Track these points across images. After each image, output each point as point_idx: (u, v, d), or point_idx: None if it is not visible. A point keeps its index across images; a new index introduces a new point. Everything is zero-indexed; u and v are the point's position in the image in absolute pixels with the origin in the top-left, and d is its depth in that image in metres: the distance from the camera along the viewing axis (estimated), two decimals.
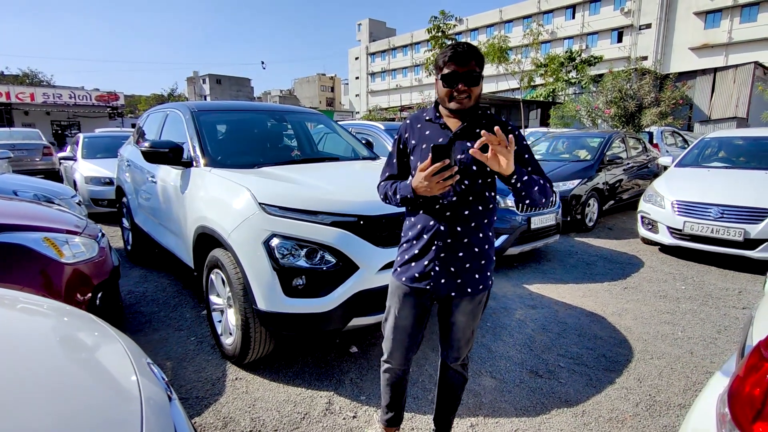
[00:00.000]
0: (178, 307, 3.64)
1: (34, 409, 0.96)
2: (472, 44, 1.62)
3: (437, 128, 1.65)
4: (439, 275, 1.63)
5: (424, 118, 1.70)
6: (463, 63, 1.53)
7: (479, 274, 1.66)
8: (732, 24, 34.66)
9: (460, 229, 1.61)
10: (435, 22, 17.78)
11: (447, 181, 1.46)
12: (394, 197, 1.69)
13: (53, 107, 25.00)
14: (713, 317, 3.55)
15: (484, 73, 1.66)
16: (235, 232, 2.45)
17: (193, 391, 2.45)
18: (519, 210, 4.58)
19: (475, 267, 1.65)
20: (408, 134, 1.71)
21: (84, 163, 7.65)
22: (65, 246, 2.61)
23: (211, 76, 70.77)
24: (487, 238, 1.68)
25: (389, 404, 1.93)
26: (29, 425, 0.90)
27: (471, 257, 1.64)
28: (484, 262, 1.67)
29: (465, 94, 1.55)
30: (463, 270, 1.64)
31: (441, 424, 1.96)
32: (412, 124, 1.72)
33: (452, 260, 1.63)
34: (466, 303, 1.69)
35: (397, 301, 1.73)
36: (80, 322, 1.48)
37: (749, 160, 5.75)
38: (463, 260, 1.63)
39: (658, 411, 2.34)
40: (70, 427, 0.94)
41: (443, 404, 1.92)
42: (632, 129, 13.69)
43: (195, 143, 3.25)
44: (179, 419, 1.17)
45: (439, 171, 1.44)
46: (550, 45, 41.86)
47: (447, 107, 1.62)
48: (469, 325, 1.74)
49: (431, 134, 1.65)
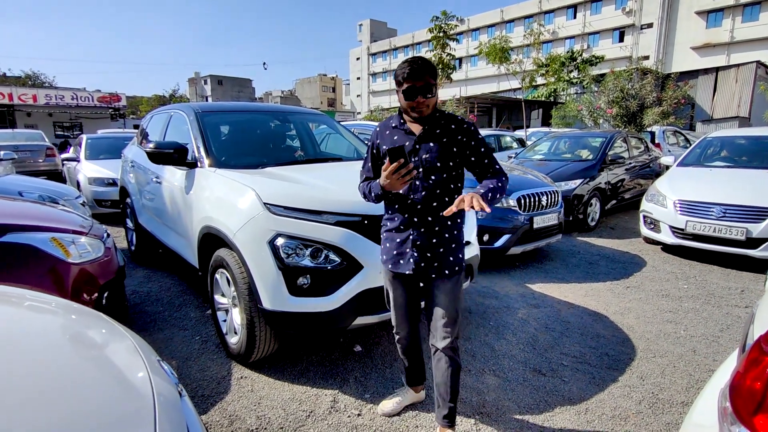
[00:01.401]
0: (182, 306, 3.66)
1: (48, 405, 0.97)
2: (425, 58, 1.85)
3: (403, 133, 1.90)
4: (418, 261, 1.88)
5: (391, 125, 1.95)
6: (418, 78, 1.76)
7: (452, 256, 1.90)
8: (734, 23, 34.62)
9: (431, 219, 1.86)
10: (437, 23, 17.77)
11: (405, 178, 1.73)
12: (370, 195, 1.96)
13: (55, 109, 25.10)
14: (716, 316, 3.56)
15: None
16: (240, 232, 2.48)
17: (198, 390, 2.47)
18: (521, 210, 4.60)
19: (448, 251, 1.89)
20: (378, 140, 1.97)
21: (87, 164, 7.69)
22: (72, 246, 2.64)
23: (212, 77, 70.89)
24: (456, 224, 1.92)
25: (408, 366, 2.23)
26: (43, 421, 0.92)
27: (444, 243, 1.88)
28: (455, 246, 1.91)
29: (424, 105, 1.81)
30: (439, 255, 1.88)
31: (444, 417, 1.99)
32: (382, 131, 1.97)
33: (428, 247, 1.87)
34: (445, 283, 1.91)
35: (389, 284, 2.04)
36: (90, 320, 1.50)
37: (751, 159, 5.75)
38: (437, 246, 1.88)
39: (661, 408, 2.35)
40: (84, 424, 0.95)
41: (442, 395, 1.98)
42: (634, 129, 13.68)
43: (199, 144, 3.27)
44: (190, 415, 1.19)
45: (397, 170, 1.70)
46: (551, 45, 41.86)
47: (410, 116, 1.87)
48: (452, 304, 1.92)
49: (398, 139, 1.89)
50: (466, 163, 1.90)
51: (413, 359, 2.22)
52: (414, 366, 2.24)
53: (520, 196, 4.64)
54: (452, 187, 1.88)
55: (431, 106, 1.84)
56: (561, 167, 6.65)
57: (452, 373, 1.94)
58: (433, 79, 1.80)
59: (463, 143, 1.86)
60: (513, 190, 4.66)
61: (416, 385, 2.31)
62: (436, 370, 1.97)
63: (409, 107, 1.82)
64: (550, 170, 6.45)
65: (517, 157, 8.05)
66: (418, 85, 1.76)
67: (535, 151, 8.16)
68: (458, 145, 1.85)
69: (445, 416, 1.99)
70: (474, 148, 1.87)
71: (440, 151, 1.84)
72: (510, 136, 12.71)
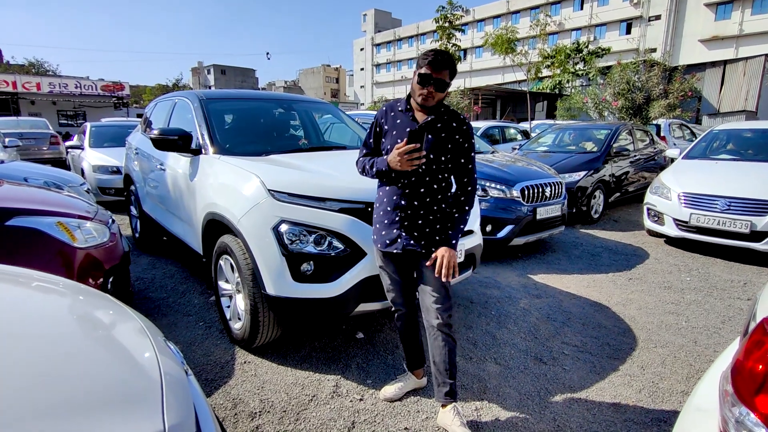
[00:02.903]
0: (186, 293, 3.69)
1: (55, 383, 0.98)
2: (451, 54, 1.92)
3: (407, 119, 1.97)
4: (405, 240, 1.97)
5: (398, 108, 2.01)
6: (438, 69, 1.84)
7: (439, 236, 1.97)
8: (743, 15, 34.08)
9: (417, 203, 1.95)
10: (443, 12, 17.64)
11: (414, 161, 1.84)
12: (370, 170, 2.04)
13: (59, 97, 25.07)
14: (717, 308, 3.56)
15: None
16: (244, 218, 2.49)
17: (202, 374, 2.50)
18: (525, 201, 4.59)
19: (434, 231, 1.97)
20: (383, 120, 2.05)
21: (91, 152, 7.71)
22: (77, 231, 2.65)
23: (215, 67, 70.66)
24: (443, 210, 1.98)
25: (407, 349, 2.29)
26: (51, 399, 0.93)
27: (429, 224, 1.97)
28: (440, 227, 1.98)
29: (431, 96, 1.87)
30: (424, 234, 1.97)
31: (446, 395, 2.04)
32: (387, 112, 2.05)
33: (414, 227, 1.97)
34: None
35: (381, 261, 2.12)
36: (97, 300, 1.52)
37: (757, 152, 5.71)
38: (423, 226, 1.97)
39: (661, 397, 2.37)
40: (93, 401, 0.96)
41: (441, 372, 2.03)
42: (640, 121, 13.57)
43: (204, 131, 3.27)
44: (196, 393, 1.21)
45: (410, 152, 1.82)
46: (557, 36, 41.40)
47: (415, 99, 1.93)
48: (440, 286, 1.98)
49: (401, 123, 1.98)
50: (453, 159, 1.97)
51: (411, 341, 2.27)
52: (412, 348, 2.29)
53: (523, 186, 4.63)
54: (440, 177, 1.97)
55: (436, 101, 1.90)
56: (565, 159, 6.62)
57: (449, 351, 2.01)
58: (449, 77, 1.88)
59: (458, 143, 1.95)
60: (517, 181, 4.65)
61: (416, 368, 2.35)
62: (433, 348, 2.04)
63: (419, 93, 1.89)
64: (555, 162, 6.43)
65: (521, 149, 8.02)
66: (434, 76, 1.84)
67: (539, 142, 8.13)
68: (453, 143, 1.94)
69: (447, 393, 2.03)
70: (464, 151, 1.96)
71: (436, 144, 1.91)
72: (514, 127, 12.65)
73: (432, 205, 1.96)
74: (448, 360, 2.01)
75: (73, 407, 0.93)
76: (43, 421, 0.86)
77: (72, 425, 0.87)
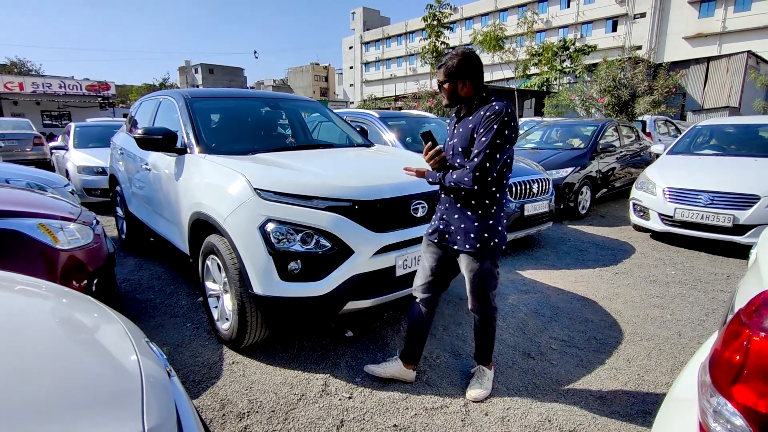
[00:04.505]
0: (173, 294, 3.66)
1: (34, 386, 0.97)
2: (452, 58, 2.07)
3: (452, 119, 2.21)
4: (443, 233, 2.16)
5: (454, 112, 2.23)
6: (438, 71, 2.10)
7: (474, 234, 2.07)
8: (726, 13, 34.65)
9: (453, 196, 2.11)
10: (431, 10, 17.66)
11: (436, 157, 2.02)
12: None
13: (43, 97, 24.61)
14: (702, 301, 3.62)
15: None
16: (230, 218, 2.47)
17: (190, 375, 2.48)
18: (513, 197, 4.62)
19: (467, 228, 2.08)
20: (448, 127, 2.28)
21: (76, 152, 7.59)
22: (60, 232, 2.61)
23: (203, 66, 69.93)
24: (474, 207, 2.07)
25: (408, 339, 2.36)
26: (29, 402, 0.92)
27: (463, 220, 2.09)
28: (478, 224, 2.07)
29: (443, 96, 2.14)
30: (459, 230, 2.10)
31: (480, 357, 2.39)
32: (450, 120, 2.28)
33: (450, 222, 2.13)
34: (465, 259, 2.13)
35: (424, 248, 2.29)
36: (79, 303, 1.50)
37: (739, 147, 5.81)
38: (458, 222, 2.10)
39: (646, 390, 2.40)
40: (72, 403, 0.95)
41: (477, 342, 2.38)
42: (625, 118, 13.74)
43: (189, 130, 3.24)
44: (179, 395, 1.20)
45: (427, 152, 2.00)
46: (544, 34, 41.68)
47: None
48: (472, 280, 2.13)
49: (449, 124, 2.25)
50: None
51: (416, 334, 2.33)
52: (413, 341, 2.34)
53: (511, 183, 4.65)
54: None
55: (447, 97, 2.11)
56: (552, 155, 6.68)
57: (482, 330, 2.31)
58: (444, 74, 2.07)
59: (479, 132, 2.01)
60: None
61: (408, 362, 2.39)
62: (474, 324, 2.33)
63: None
64: (542, 158, 6.48)
65: None
66: (438, 78, 2.11)
67: (527, 139, 8.18)
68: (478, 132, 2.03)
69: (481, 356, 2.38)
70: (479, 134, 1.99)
71: (464, 137, 2.05)
72: None
73: (467, 199, 2.07)
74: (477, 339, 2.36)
75: (52, 409, 0.92)
76: (22, 424, 0.84)
77: (51, 427, 0.86)
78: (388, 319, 3.18)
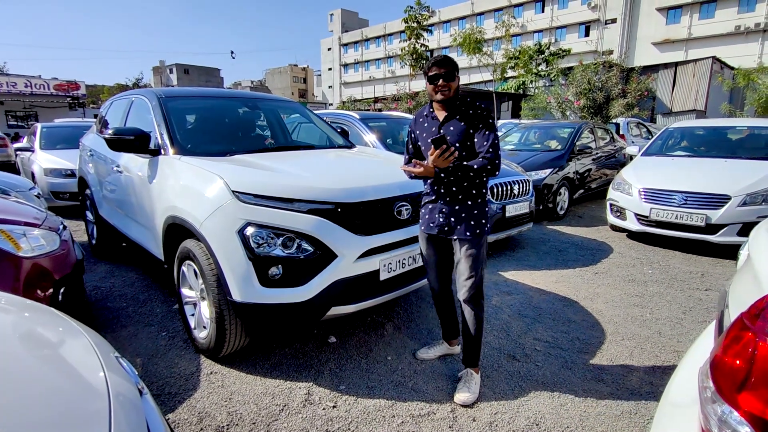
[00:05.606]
0: (147, 302, 3.51)
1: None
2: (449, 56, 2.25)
3: (430, 120, 2.31)
4: (443, 225, 2.27)
5: (423, 114, 2.36)
6: (443, 65, 2.17)
7: (474, 221, 2.23)
8: (691, 20, 35.97)
9: (455, 189, 2.23)
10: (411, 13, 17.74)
11: (450, 159, 2.08)
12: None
13: (7, 96, 23.60)
14: (679, 299, 3.69)
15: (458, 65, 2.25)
16: (207, 222, 2.37)
17: (165, 387, 2.36)
18: (494, 199, 4.63)
19: (468, 217, 2.23)
20: (415, 127, 2.40)
21: (43, 154, 7.27)
22: (23, 239, 2.46)
23: (178, 66, 68.40)
24: (473, 197, 2.24)
25: (442, 321, 2.64)
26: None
27: (464, 210, 2.23)
28: (477, 212, 2.24)
29: (446, 88, 2.19)
30: (460, 219, 2.24)
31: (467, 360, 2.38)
32: (416, 120, 2.40)
33: (451, 213, 2.25)
34: (464, 245, 2.24)
35: (423, 243, 2.42)
36: (42, 317, 1.39)
37: (710, 149, 5.99)
38: (459, 212, 2.24)
39: (630, 390, 2.41)
40: (33, 427, 0.87)
41: (465, 338, 2.36)
42: (600, 120, 14.06)
43: (163, 131, 3.11)
44: (152, 414, 1.12)
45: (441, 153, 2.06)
46: (520, 38, 42.43)
47: (435, 100, 2.25)
48: (468, 266, 2.24)
49: (427, 126, 2.32)
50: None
51: (446, 315, 2.60)
52: (447, 321, 2.62)
53: (492, 185, 4.66)
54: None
55: (452, 90, 2.19)
56: (531, 157, 6.75)
57: (472, 321, 2.30)
58: (455, 69, 2.19)
59: (478, 128, 2.19)
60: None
61: (450, 339, 2.67)
62: (462, 317, 2.34)
63: (434, 91, 2.20)
64: (521, 160, 6.54)
65: None
66: (441, 72, 2.16)
67: (506, 141, 8.25)
68: (474, 128, 2.20)
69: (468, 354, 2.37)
70: (480, 130, 2.19)
71: (458, 134, 2.20)
72: None
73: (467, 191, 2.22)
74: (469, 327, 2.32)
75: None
76: None
77: None
78: (372, 323, 3.12)
